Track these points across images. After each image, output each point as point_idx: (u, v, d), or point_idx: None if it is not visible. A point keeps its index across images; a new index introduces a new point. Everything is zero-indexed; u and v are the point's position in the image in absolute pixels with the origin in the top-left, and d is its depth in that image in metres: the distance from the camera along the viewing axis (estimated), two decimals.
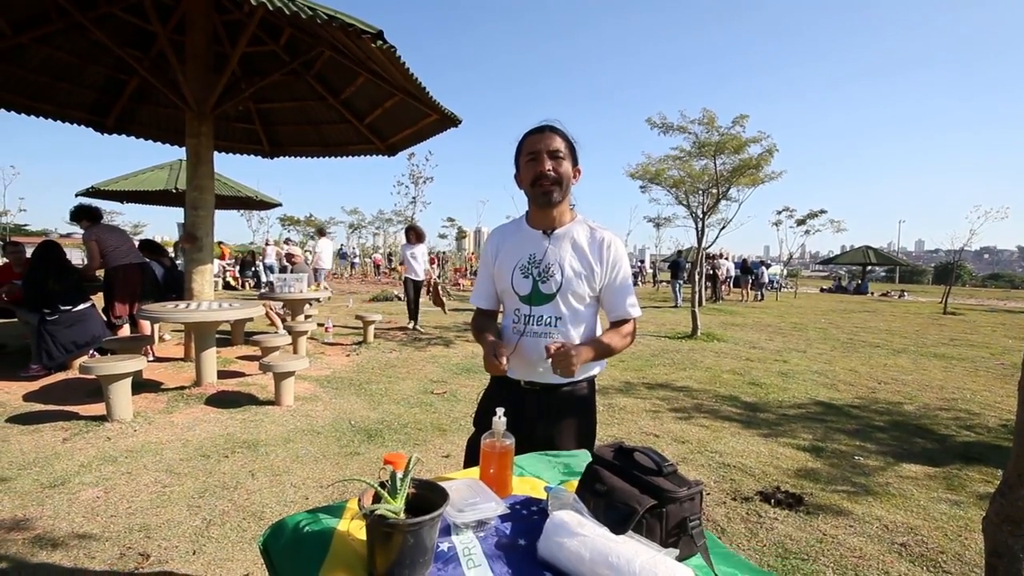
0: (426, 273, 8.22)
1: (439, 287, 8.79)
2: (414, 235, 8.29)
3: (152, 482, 2.76)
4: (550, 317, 1.49)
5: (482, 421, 1.65)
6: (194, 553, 2.15)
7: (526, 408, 1.49)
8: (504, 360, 1.38)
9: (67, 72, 5.86)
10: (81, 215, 5.22)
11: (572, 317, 1.49)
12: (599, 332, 1.57)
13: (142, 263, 5.45)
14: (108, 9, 5.00)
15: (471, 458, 1.57)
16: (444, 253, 28.65)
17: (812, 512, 2.65)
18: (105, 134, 6.76)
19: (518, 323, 1.52)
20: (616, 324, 1.54)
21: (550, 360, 1.34)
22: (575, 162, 1.50)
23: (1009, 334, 10.27)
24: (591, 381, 1.60)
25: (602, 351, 1.47)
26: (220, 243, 20.88)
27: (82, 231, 5.24)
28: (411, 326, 8.12)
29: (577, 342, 1.49)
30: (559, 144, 1.45)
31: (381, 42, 3.80)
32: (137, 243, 6.01)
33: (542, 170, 1.42)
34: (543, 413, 1.51)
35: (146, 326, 5.43)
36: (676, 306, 14.17)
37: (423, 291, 8.53)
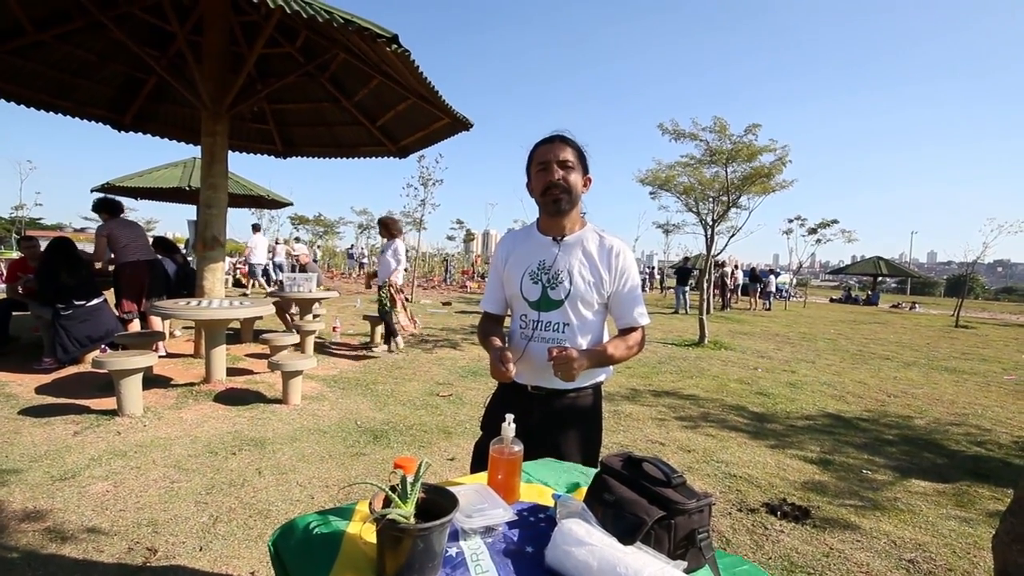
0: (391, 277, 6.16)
1: (394, 294, 6.27)
2: (386, 229, 6.33)
3: (161, 477, 2.78)
4: (558, 323, 1.50)
5: (489, 426, 1.65)
6: (201, 549, 2.17)
7: (532, 413, 1.49)
8: (511, 367, 1.39)
9: (86, 70, 5.95)
10: (101, 207, 5.40)
11: (580, 324, 1.50)
12: (606, 339, 1.58)
13: (151, 260, 5.52)
14: (128, 8, 5.08)
15: (478, 463, 1.57)
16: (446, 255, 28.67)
17: (819, 525, 2.62)
18: (122, 132, 6.85)
19: (526, 328, 1.54)
20: (624, 332, 1.55)
21: (552, 363, 1.35)
22: (585, 171, 1.52)
23: (1022, 349, 10.12)
24: (597, 388, 1.61)
25: (606, 358, 1.47)
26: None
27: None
28: (389, 347, 6.46)
29: (584, 348, 1.49)
30: (569, 154, 1.46)
31: (396, 46, 3.83)
32: (150, 240, 6.08)
33: (552, 179, 1.44)
34: (549, 418, 1.52)
35: (156, 322, 5.49)
36: (676, 312, 14.30)
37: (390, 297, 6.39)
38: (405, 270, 6.71)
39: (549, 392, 1.52)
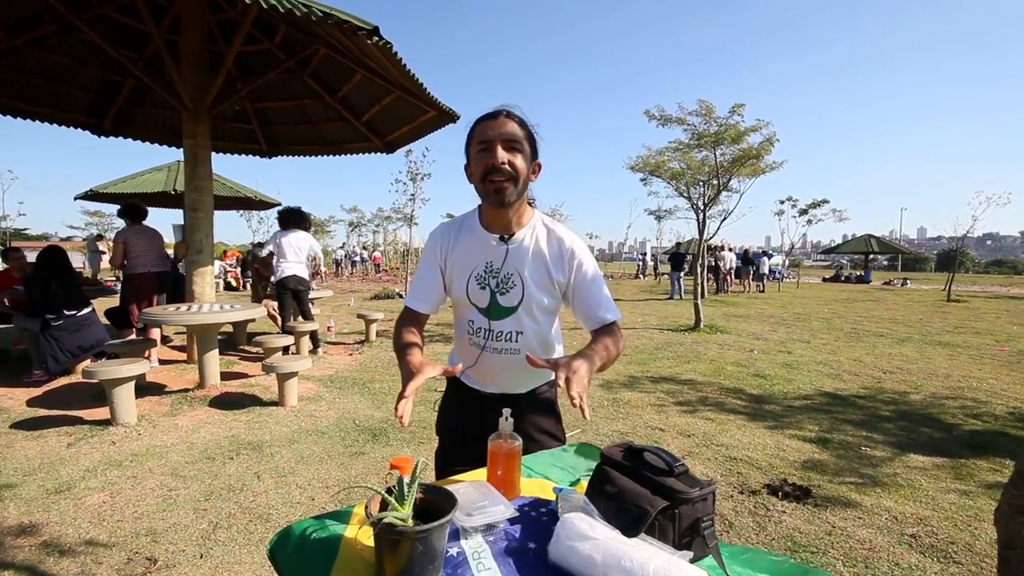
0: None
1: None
2: (283, 221, 5.87)
3: (158, 486, 2.75)
4: (511, 332, 1.36)
5: (444, 430, 1.58)
6: (201, 557, 2.14)
7: (487, 415, 1.31)
8: (405, 414, 1.13)
9: (62, 75, 5.83)
10: (123, 213, 5.44)
11: (534, 329, 1.37)
12: (561, 337, 1.51)
13: (160, 272, 5.50)
14: (101, 10, 4.96)
15: (441, 470, 1.49)
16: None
17: (820, 504, 2.63)
18: (102, 137, 6.73)
19: (475, 336, 1.39)
20: (598, 332, 1.30)
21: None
22: (535, 156, 1.29)
23: (1014, 320, 10.23)
24: (551, 383, 1.50)
25: (605, 359, 1.21)
26: (225, 251, 20.86)
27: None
28: (317, 352, 6.05)
29: (540, 354, 1.28)
30: (516, 130, 1.22)
31: (377, 38, 3.77)
32: None
33: (494, 163, 1.19)
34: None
35: (154, 331, 5.42)
36: (672, 298, 14.36)
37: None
38: (314, 273, 6.21)
39: (502, 395, 1.43)
